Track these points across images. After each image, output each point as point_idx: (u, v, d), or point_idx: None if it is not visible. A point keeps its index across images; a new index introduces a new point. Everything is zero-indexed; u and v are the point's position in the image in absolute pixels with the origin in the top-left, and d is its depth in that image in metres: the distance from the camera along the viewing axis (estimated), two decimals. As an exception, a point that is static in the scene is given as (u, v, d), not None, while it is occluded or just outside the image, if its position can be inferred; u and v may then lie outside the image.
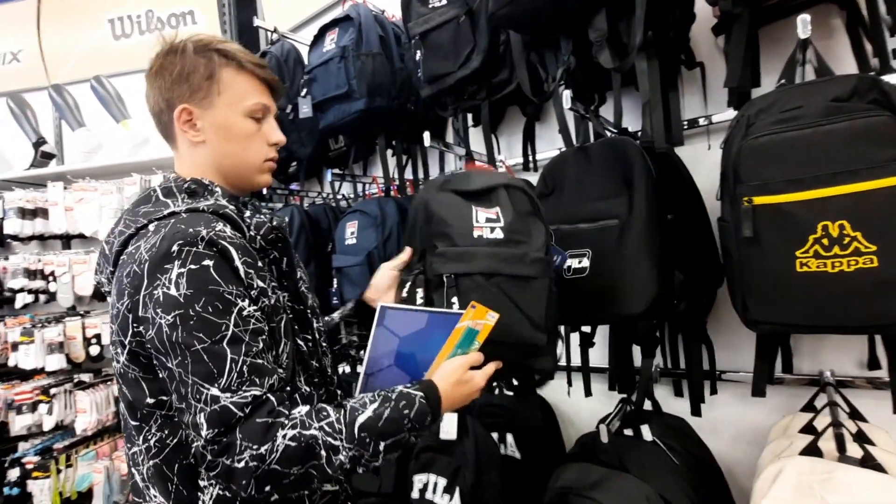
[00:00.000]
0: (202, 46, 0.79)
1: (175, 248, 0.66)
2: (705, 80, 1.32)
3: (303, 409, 0.69)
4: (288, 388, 0.73)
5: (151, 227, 0.71)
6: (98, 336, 2.46)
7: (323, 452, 0.66)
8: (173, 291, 0.64)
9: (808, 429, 1.05)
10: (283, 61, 1.93)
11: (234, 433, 0.63)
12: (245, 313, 0.67)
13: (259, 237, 0.75)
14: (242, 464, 0.63)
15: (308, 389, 0.81)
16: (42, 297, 2.60)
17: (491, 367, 0.83)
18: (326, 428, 0.67)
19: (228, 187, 0.83)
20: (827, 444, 0.96)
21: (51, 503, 2.46)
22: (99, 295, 2.46)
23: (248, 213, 0.78)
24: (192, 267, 0.65)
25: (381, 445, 0.70)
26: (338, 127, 1.68)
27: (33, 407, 2.50)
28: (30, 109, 2.79)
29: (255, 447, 0.63)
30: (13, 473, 2.58)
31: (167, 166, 2.37)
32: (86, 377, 2.60)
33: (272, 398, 0.67)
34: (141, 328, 0.68)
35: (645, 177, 1.04)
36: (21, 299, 2.59)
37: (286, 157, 1.97)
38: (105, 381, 2.54)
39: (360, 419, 0.69)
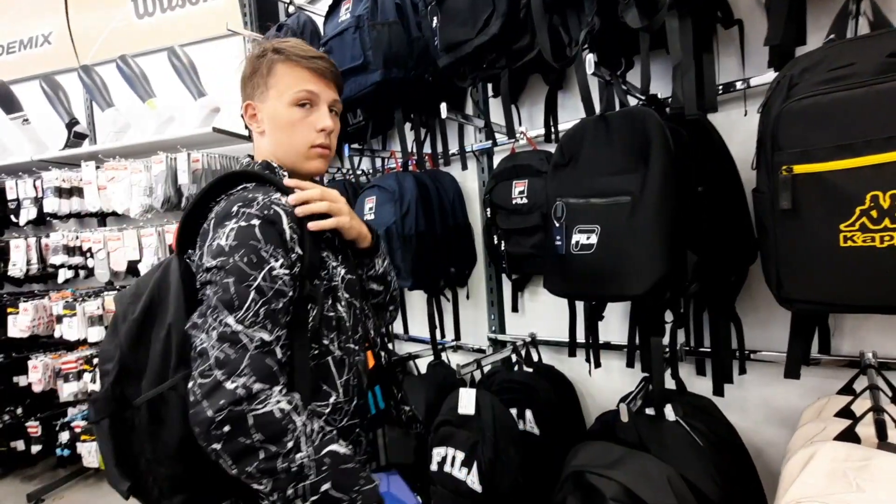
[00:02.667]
0: (265, 49, 0.87)
1: (234, 208, 0.76)
2: (743, 40, 1.22)
3: (298, 397, 0.72)
4: (316, 351, 0.79)
5: (224, 199, 0.81)
6: (134, 310, 2.57)
7: (290, 444, 0.67)
8: (223, 242, 0.73)
9: (845, 413, 0.99)
10: (298, 34, 1.90)
11: (242, 358, 0.68)
12: (275, 273, 0.73)
13: None
14: (232, 385, 0.66)
15: (340, 354, 0.83)
16: (82, 273, 2.73)
17: None
18: (307, 429, 0.70)
19: (293, 173, 0.89)
20: (865, 429, 0.90)
21: (98, 464, 2.64)
22: (133, 270, 2.55)
23: None
24: (242, 224, 0.74)
25: (324, 486, 0.68)
26: (354, 100, 1.65)
27: (79, 375, 2.66)
28: (62, 91, 2.87)
29: (252, 380, 0.67)
30: (64, 436, 2.77)
31: (192, 144, 2.41)
32: (124, 348, 2.74)
33: (277, 351, 0.72)
34: (200, 274, 0.77)
35: (662, 154, 0.97)
36: (63, 274, 2.72)
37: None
38: (142, 352, 2.66)
39: (334, 447, 0.72)
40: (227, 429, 0.65)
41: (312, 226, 0.80)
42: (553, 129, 1.57)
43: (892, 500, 0.75)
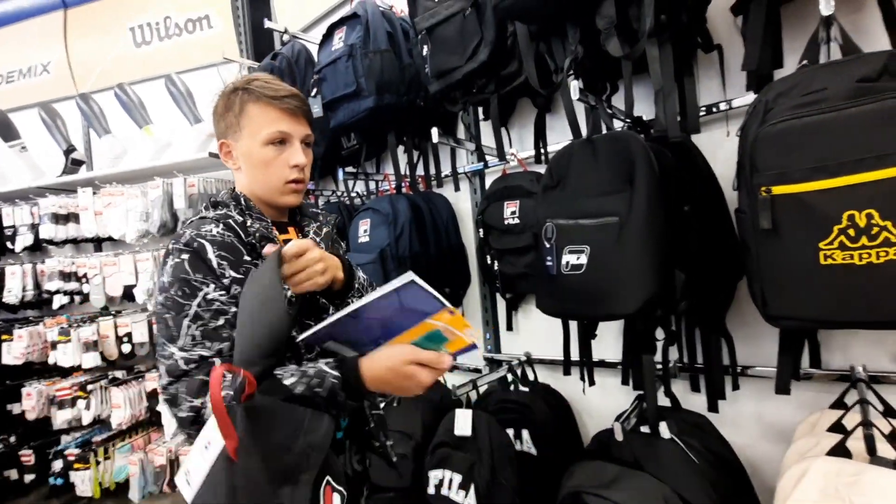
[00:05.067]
0: (236, 87, 0.90)
1: (170, 246, 0.84)
2: (723, 63, 1.26)
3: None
4: None
5: None
6: (129, 335, 2.56)
7: None
8: (165, 279, 0.82)
9: (837, 427, 1.00)
10: (293, 62, 1.95)
11: (178, 386, 0.75)
12: (209, 297, 0.80)
13: (255, 242, 0.87)
14: (183, 413, 0.74)
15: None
16: (77, 298, 2.72)
17: (445, 362, 0.76)
18: None
19: (264, 205, 0.93)
20: (856, 443, 0.91)
21: (91, 493, 2.59)
22: (129, 295, 2.55)
23: (249, 222, 0.89)
24: (175, 261, 0.81)
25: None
26: (348, 126, 1.69)
27: (72, 402, 2.63)
28: (59, 118, 2.90)
29: (190, 399, 0.74)
30: (57, 465, 2.73)
31: (188, 170, 2.44)
32: (119, 374, 2.72)
33: (218, 361, 0.77)
34: None
35: (646, 174, 1.00)
36: (58, 300, 2.72)
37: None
38: (137, 377, 2.64)
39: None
40: None
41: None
42: (543, 151, 1.60)
43: (884, 515, 0.76)
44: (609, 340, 1.54)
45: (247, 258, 0.84)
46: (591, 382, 1.37)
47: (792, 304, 0.86)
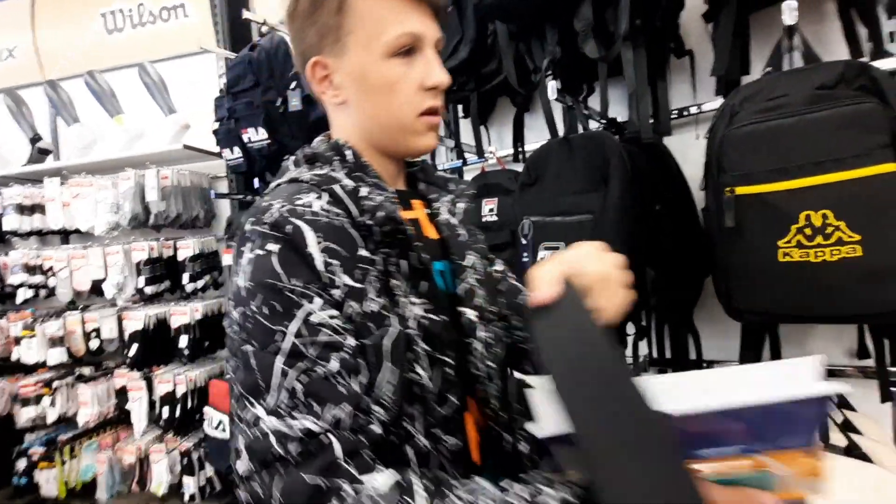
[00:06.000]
0: None
1: (248, 227, 0.53)
2: (694, 69, 1.31)
3: (379, 482, 0.45)
4: (378, 432, 0.49)
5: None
6: (97, 330, 2.48)
7: None
8: (241, 282, 0.51)
9: (794, 418, 1.05)
10: (272, 54, 1.92)
11: (272, 484, 0.45)
12: (314, 319, 0.49)
13: (374, 226, 0.54)
14: None
15: (427, 444, 0.53)
16: (42, 293, 2.62)
17: None
18: None
19: (380, 158, 0.62)
20: (810, 432, 0.96)
21: (57, 493, 2.51)
22: (97, 290, 2.47)
23: (365, 191, 0.56)
24: (259, 252, 0.51)
25: None
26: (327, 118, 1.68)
27: (37, 400, 2.54)
28: (25, 106, 2.79)
29: None
30: (20, 464, 2.63)
31: (161, 161, 2.38)
32: (86, 370, 2.64)
33: (336, 442, 0.46)
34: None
35: (620, 174, 1.04)
36: (22, 294, 2.61)
37: (278, 150, 1.97)
38: (105, 374, 2.57)
39: None
40: None
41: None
42: (521, 150, 1.62)
43: (834, 499, 0.81)
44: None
45: (362, 253, 0.53)
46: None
47: (753, 299, 0.91)
